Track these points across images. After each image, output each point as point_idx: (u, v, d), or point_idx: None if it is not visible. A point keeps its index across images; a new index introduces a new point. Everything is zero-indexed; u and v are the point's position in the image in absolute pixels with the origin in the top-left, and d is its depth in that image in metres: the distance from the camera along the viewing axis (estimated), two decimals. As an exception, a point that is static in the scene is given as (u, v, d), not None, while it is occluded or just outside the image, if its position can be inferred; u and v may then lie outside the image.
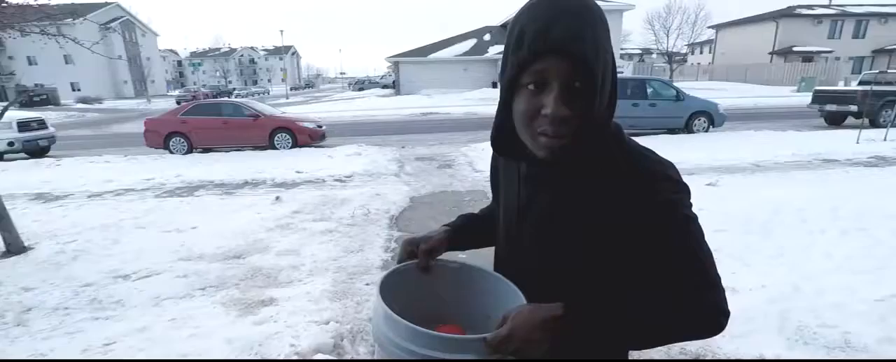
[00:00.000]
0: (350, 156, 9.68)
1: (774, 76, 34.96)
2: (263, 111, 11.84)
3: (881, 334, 2.60)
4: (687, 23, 42.18)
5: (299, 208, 5.82)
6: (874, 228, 4.35)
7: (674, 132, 11.85)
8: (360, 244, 4.55)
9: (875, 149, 8.64)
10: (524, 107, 0.76)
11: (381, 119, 19.21)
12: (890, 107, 11.97)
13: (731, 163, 7.79)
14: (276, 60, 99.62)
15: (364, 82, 54.72)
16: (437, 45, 35.31)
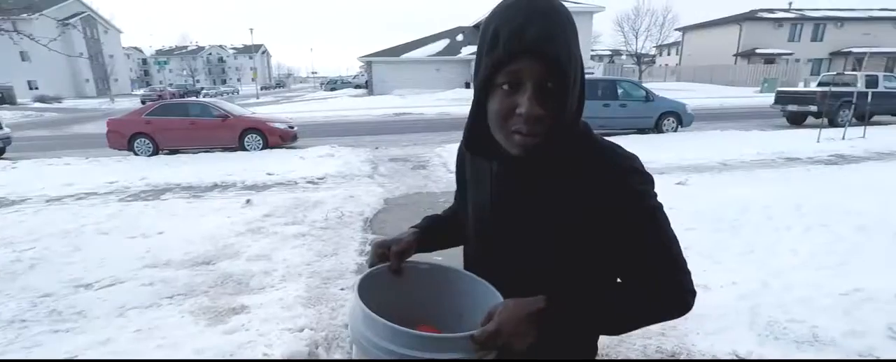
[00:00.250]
0: (322, 157, 9.55)
1: (738, 77, 35.97)
2: (232, 111, 11.59)
3: (846, 328, 2.67)
4: (655, 25, 43.17)
5: (271, 211, 5.70)
6: (835, 224, 4.48)
7: (644, 132, 12.06)
8: (333, 248, 4.48)
9: (834, 147, 8.96)
10: (499, 107, 0.78)
11: (354, 119, 19.04)
12: (847, 108, 12.42)
13: (700, 163, 7.96)
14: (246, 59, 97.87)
15: (336, 82, 54.15)
16: (410, 45, 35.21)
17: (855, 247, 3.91)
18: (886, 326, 2.68)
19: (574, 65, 0.76)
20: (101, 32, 57.72)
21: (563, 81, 0.75)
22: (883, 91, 12.96)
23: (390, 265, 0.94)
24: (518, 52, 0.73)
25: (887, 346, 2.49)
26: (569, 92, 0.76)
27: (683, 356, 2.51)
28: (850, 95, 12.30)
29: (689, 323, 2.81)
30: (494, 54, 0.75)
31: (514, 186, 0.88)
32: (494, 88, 0.78)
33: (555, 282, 0.84)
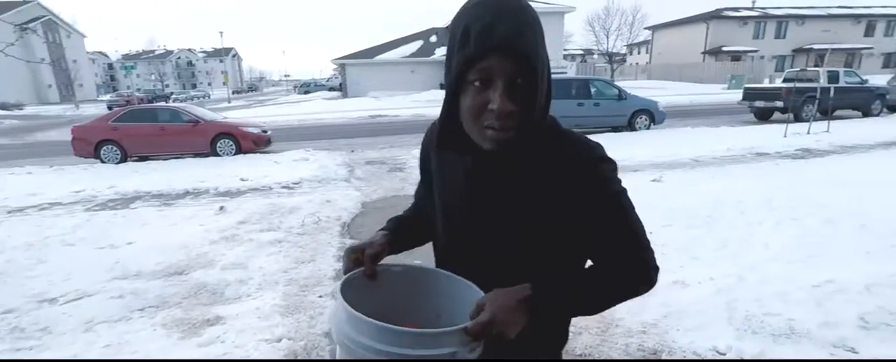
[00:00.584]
0: (297, 161, 9.41)
1: (707, 74, 36.77)
2: (203, 116, 11.34)
3: (821, 319, 2.73)
4: (625, 24, 43.94)
5: (245, 218, 5.58)
6: (805, 217, 4.60)
7: (617, 130, 12.22)
8: (311, 254, 4.40)
9: (801, 142, 9.21)
10: (471, 103, 0.80)
11: (329, 122, 18.84)
12: (811, 103, 12.80)
13: (673, 159, 8.09)
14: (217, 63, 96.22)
15: (310, 85, 53.60)
16: (384, 46, 35.06)
17: (824, 240, 4.01)
18: (858, 316, 2.74)
19: (542, 61, 0.80)
20: (63, 37, 56.03)
21: (533, 77, 0.78)
22: (844, 86, 13.38)
23: (365, 270, 0.92)
24: (489, 49, 0.76)
25: (859, 337, 2.55)
26: (538, 88, 0.80)
27: (665, 354, 2.52)
28: (814, 91, 12.68)
29: (670, 321, 2.83)
30: (466, 51, 0.78)
31: (488, 180, 0.90)
32: (466, 85, 0.81)
33: (532, 270, 0.86)
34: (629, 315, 2.93)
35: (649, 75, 43.06)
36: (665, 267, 3.04)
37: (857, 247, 3.78)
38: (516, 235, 0.90)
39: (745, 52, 39.43)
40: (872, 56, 40.78)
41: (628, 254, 0.86)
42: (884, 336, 2.55)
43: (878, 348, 2.44)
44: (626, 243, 0.86)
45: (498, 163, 0.88)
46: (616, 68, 42.51)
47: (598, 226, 0.86)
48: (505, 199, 0.89)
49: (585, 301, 0.85)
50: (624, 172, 3.43)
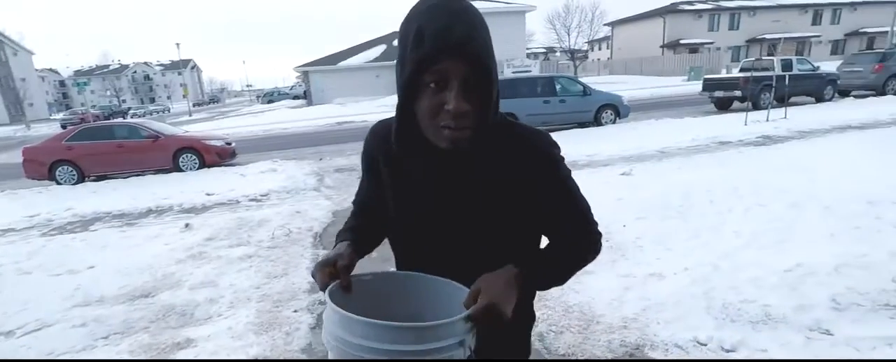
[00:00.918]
0: (264, 172, 9.20)
1: (666, 67, 37.69)
2: (163, 131, 10.99)
3: (795, 303, 2.77)
4: (585, 21, 44.62)
5: (212, 234, 5.40)
6: (771, 203, 4.70)
7: (584, 125, 12.36)
8: (283, 267, 4.28)
9: (761, 129, 9.48)
10: (428, 104, 0.83)
11: (295, 131, 18.54)
12: (768, 91, 13.21)
13: (640, 152, 8.21)
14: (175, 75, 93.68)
15: (273, 94, 52.82)
16: (347, 52, 34.75)
17: (791, 224, 4.10)
18: (830, 298, 2.80)
19: (493, 62, 0.83)
20: (9, 54, 53.73)
21: (487, 78, 0.82)
22: (797, 73, 13.87)
23: (341, 281, 0.90)
24: (444, 51, 0.78)
25: (832, 318, 2.60)
26: (492, 88, 0.84)
27: (647, 348, 2.52)
28: (770, 79, 13.09)
29: (649, 314, 2.84)
30: (420, 52, 0.79)
31: (451, 178, 0.94)
32: (422, 87, 0.83)
33: (499, 256, 0.91)
34: (609, 310, 2.93)
35: (611, 70, 43.90)
36: (641, 260, 3.06)
37: (823, 230, 3.87)
38: (484, 227, 0.96)
39: (701, 44, 40.60)
40: (821, 43, 42.56)
41: (582, 229, 0.98)
42: (855, 316, 2.60)
43: (851, 328, 2.49)
44: (579, 220, 0.98)
45: (459, 162, 0.92)
46: (579, 65, 43.14)
47: (555, 207, 0.96)
48: (470, 195, 0.94)
49: (558, 273, 0.96)
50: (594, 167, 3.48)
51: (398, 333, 0.73)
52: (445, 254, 0.98)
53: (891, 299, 2.75)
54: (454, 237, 0.97)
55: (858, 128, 8.89)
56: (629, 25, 47.65)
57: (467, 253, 0.96)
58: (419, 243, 1.02)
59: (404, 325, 0.73)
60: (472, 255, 0.96)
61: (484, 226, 0.96)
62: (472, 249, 0.97)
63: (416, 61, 0.80)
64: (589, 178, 6.60)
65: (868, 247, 3.44)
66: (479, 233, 0.96)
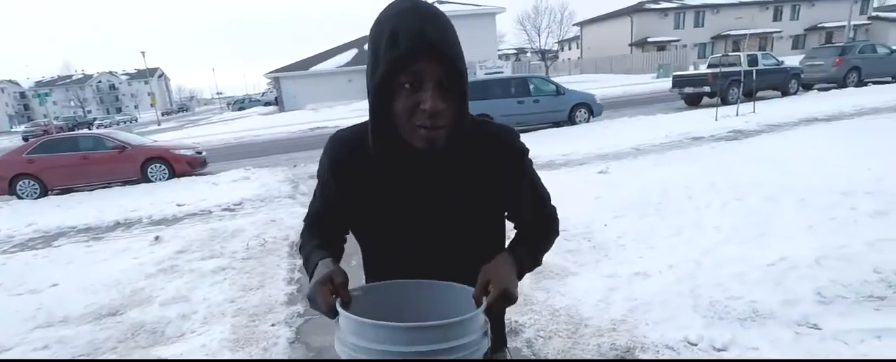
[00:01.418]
0: (237, 181, 8.97)
1: (635, 65, 38.29)
2: (130, 141, 10.64)
3: (781, 298, 2.77)
4: (555, 21, 45.17)
5: (184, 246, 5.20)
6: (748, 197, 4.74)
7: (559, 125, 12.41)
8: (259, 279, 4.13)
9: (731, 124, 9.63)
10: (404, 105, 0.84)
11: (267, 138, 18.20)
12: (736, 86, 13.48)
13: (616, 150, 8.25)
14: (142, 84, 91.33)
15: (244, 101, 51.97)
16: (318, 57, 34.37)
17: (769, 217, 4.13)
18: (814, 292, 2.80)
19: (464, 64, 0.87)
20: (-36, 66, 51.62)
21: (460, 78, 0.84)
22: (763, 68, 14.19)
23: (342, 298, 0.84)
24: (419, 52, 0.80)
25: (819, 312, 2.60)
26: (465, 87, 0.87)
27: (638, 350, 2.48)
28: (737, 74, 13.36)
29: (637, 315, 2.80)
30: (395, 53, 0.80)
31: (429, 178, 0.96)
32: (397, 88, 0.84)
33: (479, 248, 0.98)
34: (596, 312, 2.88)
35: (582, 69, 44.38)
36: (624, 258, 3.02)
37: (801, 222, 3.91)
38: (463, 223, 0.99)
39: (668, 41, 41.38)
40: (782, 39, 43.74)
41: (548, 213, 1.10)
42: (841, 309, 2.60)
43: (838, 322, 2.49)
44: (545, 204, 1.09)
45: (436, 161, 0.93)
46: (550, 65, 43.57)
47: (524, 197, 1.05)
48: (449, 193, 0.96)
49: (539, 256, 1.05)
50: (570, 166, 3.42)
51: (427, 333, 0.72)
52: (425, 252, 1.00)
53: (874, 290, 2.76)
54: (435, 235, 0.99)
55: (825, 121, 9.11)
56: (598, 25, 48.29)
57: (446, 249, 0.99)
58: (398, 245, 1.02)
59: (434, 324, 0.73)
60: (449, 251, 0.99)
61: (463, 222, 0.99)
62: (450, 246, 1.00)
63: (392, 62, 0.81)
64: (566, 178, 6.59)
65: (846, 239, 3.48)
66: (459, 229, 0.99)
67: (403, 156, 0.92)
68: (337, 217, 1.06)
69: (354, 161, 0.98)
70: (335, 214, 1.06)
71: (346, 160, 0.99)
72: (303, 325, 3.32)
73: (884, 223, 3.72)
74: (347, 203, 1.02)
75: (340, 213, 1.05)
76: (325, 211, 1.07)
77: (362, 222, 1.03)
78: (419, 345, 0.71)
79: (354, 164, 0.98)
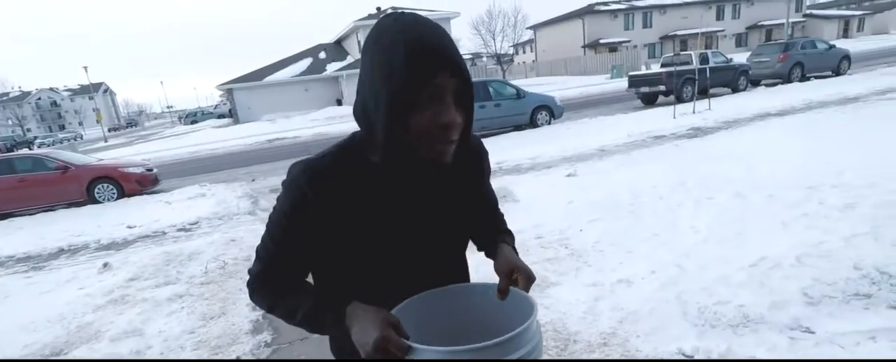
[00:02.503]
0: (193, 198, 8.52)
1: (589, 67, 39.05)
2: (73, 161, 10.00)
3: (768, 300, 2.71)
4: (509, 25, 45.72)
5: (136, 273, 4.83)
6: (718, 195, 4.76)
7: (520, 128, 12.41)
8: (220, 306, 3.83)
9: (690, 121, 9.82)
10: (423, 119, 0.82)
11: (223, 151, 17.55)
12: (690, 84, 13.82)
13: (581, 152, 8.25)
14: (86, 100, 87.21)
15: (196, 114, 50.33)
16: (272, 67, 33.55)
17: (742, 215, 4.13)
18: (801, 292, 2.76)
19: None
20: None
21: (471, 93, 0.86)
22: (714, 66, 14.61)
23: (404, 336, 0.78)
24: (441, 66, 0.79)
25: (809, 314, 2.54)
26: (473, 101, 0.88)
27: None
28: (690, 73, 13.70)
29: (626, 326, 2.69)
30: (419, 67, 0.78)
31: (434, 190, 0.96)
32: (417, 102, 0.81)
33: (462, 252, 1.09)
34: (584, 326, 2.76)
35: (537, 72, 44.99)
36: (604, 265, 2.90)
37: (774, 219, 3.91)
38: (461, 231, 1.05)
39: (619, 42, 42.40)
40: (726, 37, 45.51)
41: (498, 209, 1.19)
42: (830, 309, 2.56)
43: (830, 323, 2.44)
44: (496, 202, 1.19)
45: (437, 174, 0.94)
46: (506, 68, 43.98)
47: (490, 197, 1.16)
48: (451, 203, 0.99)
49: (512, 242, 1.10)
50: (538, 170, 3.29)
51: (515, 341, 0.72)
52: (426, 264, 0.99)
53: (859, 288, 2.74)
54: (433, 247, 1.00)
55: (777, 116, 9.39)
56: (550, 28, 49.08)
57: (441, 258, 1.03)
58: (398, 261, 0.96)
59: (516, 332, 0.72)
60: (444, 259, 1.04)
61: (459, 231, 1.04)
62: (445, 254, 1.04)
63: (415, 76, 0.78)
64: (535, 181, 6.52)
65: (821, 235, 3.48)
66: (455, 238, 1.04)
67: (406, 170, 0.90)
68: (309, 258, 0.95)
69: (342, 186, 0.89)
70: (308, 256, 0.94)
71: (331, 188, 0.88)
72: (271, 355, 3.08)
73: (854, 217, 3.76)
74: (335, 234, 0.91)
75: (314, 253, 0.93)
76: (295, 254, 0.92)
77: (355, 248, 0.93)
78: (513, 354, 0.72)
79: (344, 190, 0.89)
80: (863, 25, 47.86)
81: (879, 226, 3.53)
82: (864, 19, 48.09)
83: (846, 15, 48.30)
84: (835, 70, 17.14)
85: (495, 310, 0.90)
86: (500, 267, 0.94)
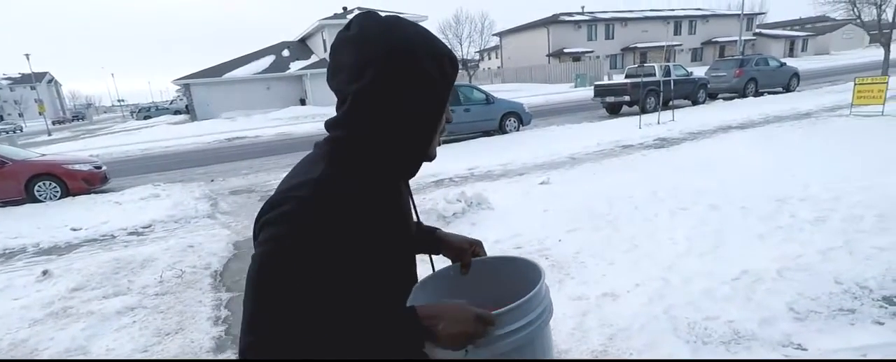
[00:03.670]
0: (145, 199, 8.03)
1: (553, 75, 39.66)
2: (11, 155, 9.27)
3: (757, 316, 2.67)
4: (476, 31, 45.89)
5: (81, 282, 4.43)
6: (692, 206, 4.77)
7: (489, 134, 12.35)
8: (177, 321, 3.54)
9: (655, 132, 9.98)
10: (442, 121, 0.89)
11: (179, 150, 16.80)
12: (653, 96, 14.13)
13: (552, 159, 8.23)
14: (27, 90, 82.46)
15: (150, 109, 48.38)
16: (233, 63, 32.51)
17: (719, 227, 4.13)
18: (787, 307, 2.73)
19: None
20: None
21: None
22: (676, 79, 14.99)
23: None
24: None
25: (799, 330, 2.51)
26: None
27: (631, 388, 2.25)
28: (653, 84, 14.01)
29: (617, 343, 2.59)
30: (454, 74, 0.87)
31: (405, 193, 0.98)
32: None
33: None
34: (574, 343, 2.64)
35: (503, 79, 45.38)
36: (587, 277, 2.77)
37: (751, 232, 3.93)
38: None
39: (583, 52, 43.26)
40: (683, 51, 47.13)
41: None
42: (818, 325, 2.54)
43: (820, 340, 2.41)
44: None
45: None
46: (472, 73, 44.13)
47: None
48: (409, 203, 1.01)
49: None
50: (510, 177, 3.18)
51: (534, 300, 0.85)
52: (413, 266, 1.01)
53: (842, 303, 2.73)
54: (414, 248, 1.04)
55: (739, 128, 9.65)
56: (516, 35, 49.63)
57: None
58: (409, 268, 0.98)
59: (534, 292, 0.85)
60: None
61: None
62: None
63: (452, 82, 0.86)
64: (508, 188, 6.42)
65: (798, 247, 3.50)
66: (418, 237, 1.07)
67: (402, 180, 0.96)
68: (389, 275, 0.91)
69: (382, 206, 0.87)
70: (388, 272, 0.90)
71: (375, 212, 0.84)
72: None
73: (826, 230, 3.81)
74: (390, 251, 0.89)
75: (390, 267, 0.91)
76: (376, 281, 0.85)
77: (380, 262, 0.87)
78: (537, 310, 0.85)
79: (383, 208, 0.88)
80: (806, 46, 50.50)
81: (851, 240, 3.59)
82: (807, 40, 50.77)
83: (792, 35, 50.85)
84: (785, 86, 17.91)
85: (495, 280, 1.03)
86: (453, 246, 1.06)
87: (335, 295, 0.75)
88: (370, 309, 0.78)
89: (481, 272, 1.05)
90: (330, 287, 0.74)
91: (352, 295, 0.78)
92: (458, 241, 1.07)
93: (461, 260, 1.04)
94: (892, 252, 3.29)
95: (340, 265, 0.75)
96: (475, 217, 5.06)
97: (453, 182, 7.16)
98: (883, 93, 9.17)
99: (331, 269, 0.74)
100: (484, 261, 1.06)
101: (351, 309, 0.76)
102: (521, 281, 0.96)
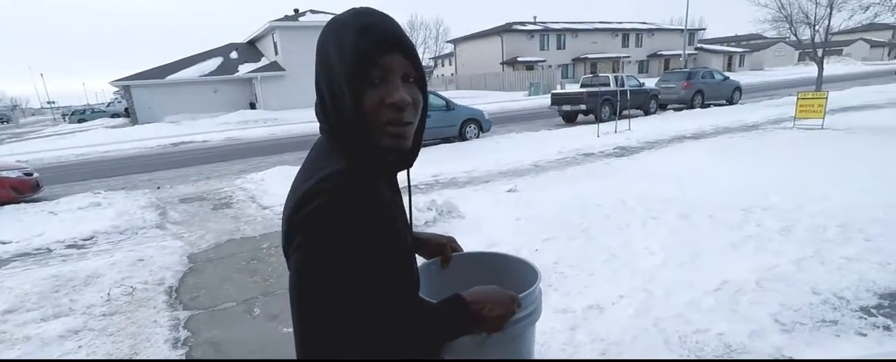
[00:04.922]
0: (85, 208, 7.43)
1: (507, 82, 40.19)
2: (-71, 162, 8.44)
3: (745, 328, 2.67)
4: (431, 37, 46.00)
5: (14, 303, 3.98)
6: (662, 215, 4.82)
7: (449, 141, 12.27)
8: (130, 344, 3.22)
9: (614, 140, 10.16)
10: (372, 99, 0.80)
11: (120, 155, 15.83)
12: (608, 105, 14.48)
13: (515, 167, 8.22)
14: (-56, 90, 76.29)
15: (85, 111, 45.65)
16: (177, 64, 31.10)
17: (692, 237, 4.17)
18: (772, 319, 2.75)
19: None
20: None
21: (421, 75, 0.86)
22: (629, 89, 15.42)
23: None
24: (390, 43, 0.80)
25: (788, 342, 2.52)
26: (425, 86, 0.87)
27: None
28: (607, 94, 14.35)
29: (611, 358, 2.52)
30: (365, 44, 0.78)
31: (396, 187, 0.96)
32: (364, 83, 0.80)
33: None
34: (567, 358, 2.55)
35: (457, 85, 45.59)
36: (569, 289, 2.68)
37: (722, 241, 3.98)
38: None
39: (536, 61, 44.11)
40: (630, 63, 48.87)
41: None
42: (805, 337, 2.55)
43: (810, 352, 2.42)
44: None
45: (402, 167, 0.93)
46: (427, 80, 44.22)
47: None
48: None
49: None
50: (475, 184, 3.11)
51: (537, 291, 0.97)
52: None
53: (824, 314, 2.77)
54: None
55: (693, 138, 9.97)
56: (470, 42, 50.10)
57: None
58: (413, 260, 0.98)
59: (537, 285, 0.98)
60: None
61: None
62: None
63: (361, 52, 0.78)
64: (476, 196, 6.34)
65: (772, 258, 3.56)
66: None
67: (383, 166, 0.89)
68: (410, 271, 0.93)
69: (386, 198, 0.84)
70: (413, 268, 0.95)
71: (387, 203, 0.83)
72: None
73: (794, 240, 3.91)
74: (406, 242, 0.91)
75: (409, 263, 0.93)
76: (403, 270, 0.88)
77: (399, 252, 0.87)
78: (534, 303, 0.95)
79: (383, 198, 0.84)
80: (743, 61, 53.45)
81: (820, 250, 3.69)
82: (744, 56, 53.75)
83: (730, 51, 53.69)
84: (729, 99, 18.79)
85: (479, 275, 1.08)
86: (432, 244, 1.13)
87: (381, 289, 0.76)
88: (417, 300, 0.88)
89: (463, 267, 1.14)
90: (376, 281, 0.75)
91: (395, 288, 0.81)
92: (436, 239, 1.15)
93: (442, 255, 1.13)
94: (860, 262, 3.39)
95: (379, 258, 0.77)
96: (446, 226, 4.93)
97: (419, 190, 7.01)
98: (823, 107, 9.71)
99: (373, 262, 0.75)
100: (463, 256, 1.16)
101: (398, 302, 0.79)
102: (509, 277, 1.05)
